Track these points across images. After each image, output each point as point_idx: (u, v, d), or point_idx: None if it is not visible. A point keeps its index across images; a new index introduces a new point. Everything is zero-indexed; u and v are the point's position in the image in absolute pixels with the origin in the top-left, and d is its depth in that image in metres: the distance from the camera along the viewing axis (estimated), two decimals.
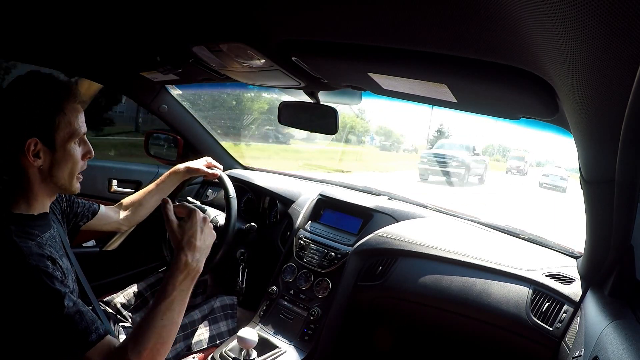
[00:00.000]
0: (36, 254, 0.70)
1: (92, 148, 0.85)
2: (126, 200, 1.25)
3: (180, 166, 1.28)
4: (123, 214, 1.22)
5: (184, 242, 0.77)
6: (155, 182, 1.27)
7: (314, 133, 1.38)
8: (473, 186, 10.26)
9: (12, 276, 0.67)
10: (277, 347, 1.21)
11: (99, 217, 1.13)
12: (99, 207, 1.14)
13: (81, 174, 0.86)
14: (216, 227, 1.38)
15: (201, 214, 0.81)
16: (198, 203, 1.51)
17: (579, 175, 0.81)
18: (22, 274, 0.67)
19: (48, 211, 0.85)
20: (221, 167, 1.34)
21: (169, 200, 0.82)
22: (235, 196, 1.30)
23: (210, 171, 1.30)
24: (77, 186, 0.84)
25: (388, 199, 1.61)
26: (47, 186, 0.81)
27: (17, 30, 1.14)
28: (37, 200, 0.80)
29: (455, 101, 0.94)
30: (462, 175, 9.95)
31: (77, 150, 0.82)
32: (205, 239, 0.80)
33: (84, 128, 0.82)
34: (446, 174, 9.92)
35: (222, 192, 1.34)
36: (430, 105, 1.12)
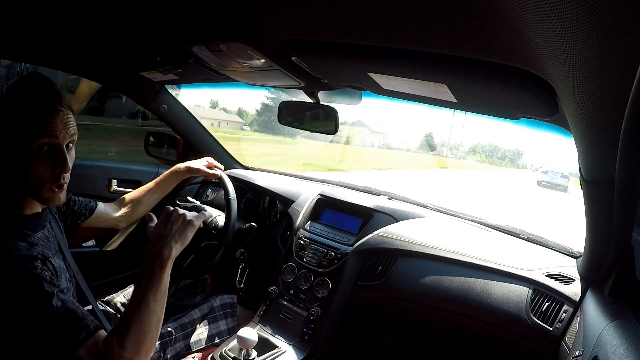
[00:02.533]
0: (25, 255, 0.70)
1: (68, 161, 0.77)
2: (125, 198, 1.25)
3: (181, 165, 1.28)
4: (122, 212, 1.22)
5: (152, 237, 0.83)
6: (155, 180, 1.27)
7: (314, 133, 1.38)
8: None
9: (1, 279, 0.67)
10: (277, 346, 1.21)
11: (97, 215, 1.13)
12: (97, 204, 1.14)
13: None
14: (216, 228, 1.38)
15: (170, 209, 0.86)
16: (198, 203, 1.51)
17: (579, 176, 0.81)
18: (10, 277, 0.68)
19: (40, 210, 0.84)
20: (222, 167, 1.34)
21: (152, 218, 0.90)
22: (235, 197, 1.30)
23: (210, 171, 1.30)
24: (55, 197, 0.79)
25: (388, 198, 1.61)
26: None
27: (17, 30, 1.14)
28: (27, 200, 0.80)
29: (455, 101, 0.94)
30: None
31: (48, 161, 0.75)
32: (168, 228, 0.83)
33: (61, 137, 0.75)
34: None
35: (222, 192, 1.33)
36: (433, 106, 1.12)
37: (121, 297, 1.24)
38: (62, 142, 0.76)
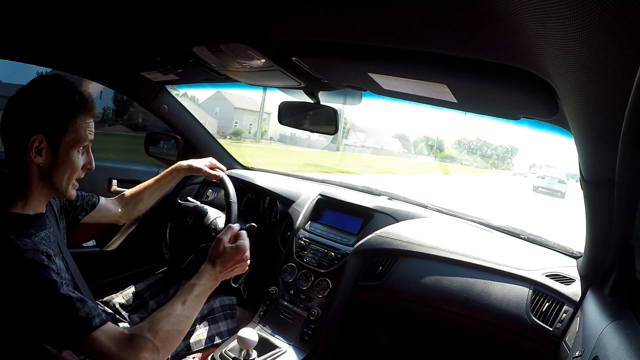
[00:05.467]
0: (32, 249, 0.71)
1: (93, 159, 0.87)
2: (126, 194, 1.25)
3: (183, 163, 1.28)
4: (122, 208, 1.22)
5: (219, 259, 0.90)
6: (156, 177, 1.27)
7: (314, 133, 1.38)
8: None
9: (10, 272, 0.69)
10: (277, 347, 1.21)
11: (98, 210, 1.14)
12: (99, 199, 1.15)
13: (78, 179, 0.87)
14: (215, 230, 1.38)
15: (247, 253, 0.93)
16: (198, 203, 1.51)
17: (579, 179, 0.81)
18: (19, 268, 0.69)
19: (44, 211, 0.85)
20: (224, 168, 1.34)
21: (237, 228, 0.96)
22: (235, 200, 1.30)
23: (212, 172, 1.29)
24: (72, 192, 0.86)
25: (388, 199, 1.61)
26: (45, 186, 0.82)
27: (17, 30, 1.14)
28: (34, 199, 0.81)
29: (456, 101, 0.94)
30: None
31: (78, 158, 0.83)
32: (234, 270, 0.92)
33: (90, 137, 0.84)
34: None
35: (222, 192, 1.33)
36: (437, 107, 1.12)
37: (120, 298, 1.24)
38: (90, 142, 0.86)
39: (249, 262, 0.94)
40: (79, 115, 0.80)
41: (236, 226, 0.97)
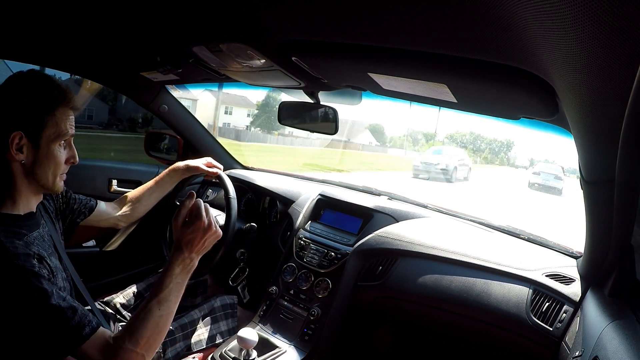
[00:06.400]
0: (22, 254, 0.70)
1: (76, 153, 0.86)
2: (125, 197, 1.25)
3: (180, 164, 1.28)
4: (122, 211, 1.22)
5: (183, 242, 0.82)
6: (155, 179, 1.27)
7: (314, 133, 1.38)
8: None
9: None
10: (277, 347, 1.21)
11: (96, 214, 1.13)
12: (97, 203, 1.14)
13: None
14: None
15: (206, 221, 0.83)
16: None
17: (578, 176, 0.81)
18: (8, 275, 0.68)
19: (34, 210, 0.85)
20: (221, 166, 1.34)
21: (194, 198, 0.85)
22: (235, 196, 1.30)
23: (210, 170, 1.29)
24: (60, 185, 0.85)
25: (388, 199, 1.61)
26: (32, 183, 0.81)
27: (17, 30, 1.14)
28: (22, 199, 0.81)
29: (455, 101, 0.94)
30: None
31: (61, 152, 0.83)
32: (205, 243, 0.84)
33: (71, 131, 0.83)
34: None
35: (222, 192, 1.33)
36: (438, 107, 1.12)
37: (120, 298, 1.24)
38: (72, 136, 0.84)
39: (217, 227, 0.84)
40: (58, 109, 0.79)
41: (188, 202, 0.85)
